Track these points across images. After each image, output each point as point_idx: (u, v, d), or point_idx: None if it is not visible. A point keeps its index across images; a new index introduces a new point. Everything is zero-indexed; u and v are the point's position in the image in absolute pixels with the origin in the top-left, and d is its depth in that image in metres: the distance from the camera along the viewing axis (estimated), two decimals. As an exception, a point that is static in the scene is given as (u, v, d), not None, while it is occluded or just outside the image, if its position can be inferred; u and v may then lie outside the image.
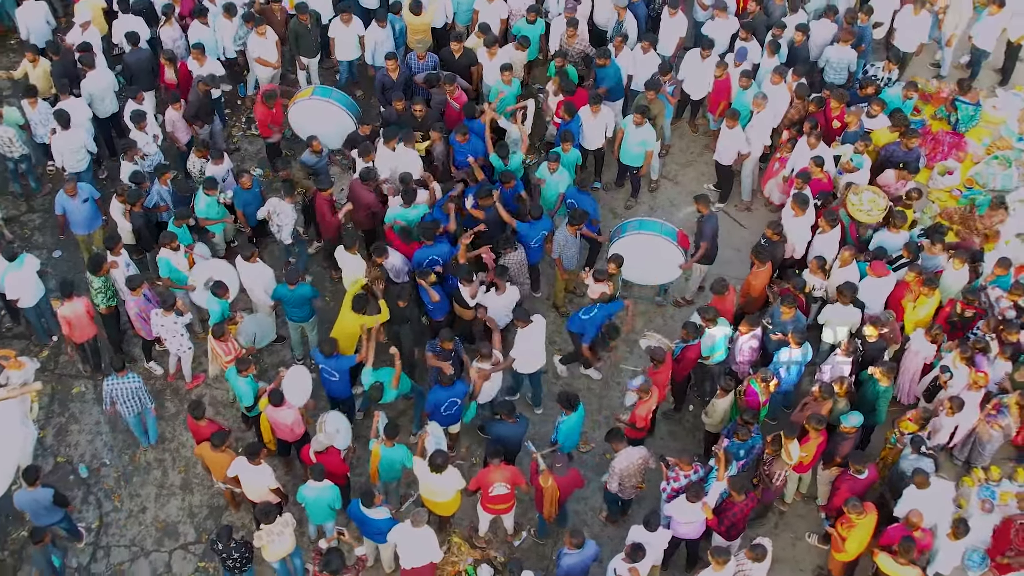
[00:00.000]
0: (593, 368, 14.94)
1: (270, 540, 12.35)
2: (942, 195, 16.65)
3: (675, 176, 17.16)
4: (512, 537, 13.67)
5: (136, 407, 13.78)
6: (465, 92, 16.15)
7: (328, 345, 13.45)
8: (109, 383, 13.62)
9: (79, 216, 14.91)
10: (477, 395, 13.63)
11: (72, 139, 15.63)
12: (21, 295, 14.48)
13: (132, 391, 13.62)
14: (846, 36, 16.24)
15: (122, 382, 13.58)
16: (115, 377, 13.59)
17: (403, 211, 14.70)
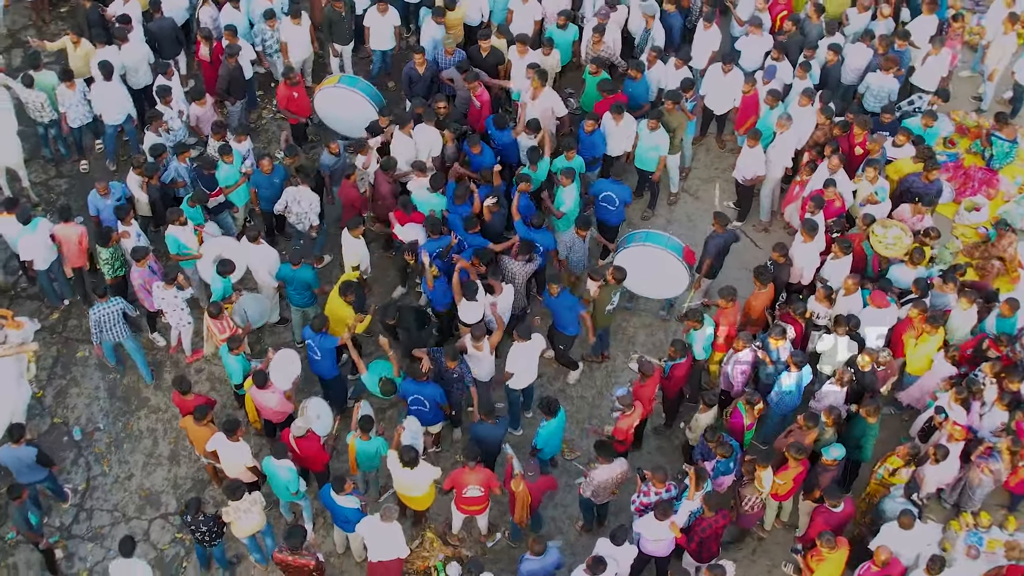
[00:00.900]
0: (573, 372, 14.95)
1: (238, 516, 12.50)
2: (967, 231, 16.28)
3: (696, 191, 17.00)
4: (485, 538, 13.68)
5: (121, 334, 14.18)
6: (488, 89, 16.16)
7: (319, 320, 13.58)
8: (95, 311, 14.01)
9: (111, 216, 14.91)
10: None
11: (114, 90, 16.03)
12: (35, 257, 14.81)
13: (116, 316, 13.99)
14: (888, 64, 15.92)
15: (106, 307, 13.96)
16: (99, 304, 13.98)
17: (427, 196, 14.80)
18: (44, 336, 15.29)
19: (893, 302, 13.94)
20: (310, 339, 13.62)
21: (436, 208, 14.82)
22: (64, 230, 14.78)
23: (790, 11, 17.14)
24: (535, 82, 15.70)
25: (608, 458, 12.65)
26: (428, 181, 14.81)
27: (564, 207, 14.94)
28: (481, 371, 13.77)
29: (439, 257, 14.29)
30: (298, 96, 16.31)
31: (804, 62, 16.06)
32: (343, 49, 17.52)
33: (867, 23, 16.89)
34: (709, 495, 12.30)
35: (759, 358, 13.49)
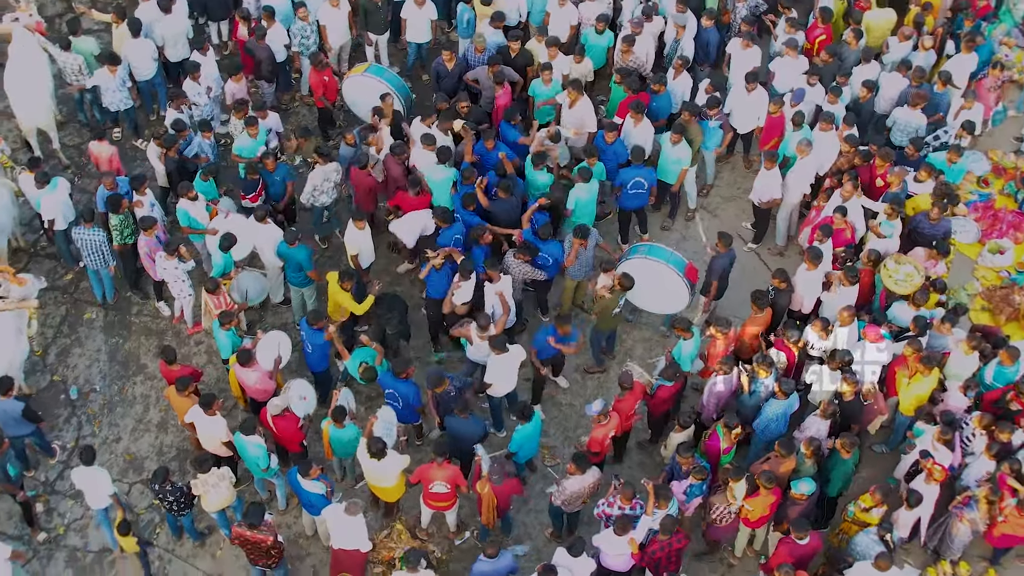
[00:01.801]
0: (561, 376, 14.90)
1: (206, 490, 12.69)
2: (988, 274, 15.86)
3: (715, 209, 16.81)
4: (454, 535, 13.70)
5: (99, 263, 14.69)
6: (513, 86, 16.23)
7: (314, 316, 13.71)
8: (77, 232, 14.53)
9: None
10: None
11: (175, 24, 16.56)
12: (55, 216, 15.17)
13: (96, 244, 14.50)
14: (917, 99, 15.59)
15: (88, 233, 14.48)
16: (82, 228, 14.49)
17: (435, 170, 14.94)
18: (55, 295, 15.69)
19: (888, 338, 13.64)
20: (303, 330, 13.79)
21: (445, 183, 14.91)
22: (97, 147, 15.55)
23: (828, 35, 16.84)
24: (572, 93, 15.67)
25: (581, 468, 12.58)
26: (436, 154, 14.89)
27: (570, 207, 15.00)
28: (481, 355, 13.81)
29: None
30: (327, 80, 16.46)
31: (835, 87, 15.78)
32: (378, 39, 17.65)
33: (906, 53, 16.53)
34: (666, 518, 12.17)
35: (740, 384, 13.31)
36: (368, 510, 13.69)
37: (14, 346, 14.06)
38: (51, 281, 15.77)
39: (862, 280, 14.24)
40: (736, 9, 17.13)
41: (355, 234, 14.53)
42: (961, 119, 15.76)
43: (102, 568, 13.50)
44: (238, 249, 14.73)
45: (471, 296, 14.20)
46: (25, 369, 14.77)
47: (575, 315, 15.47)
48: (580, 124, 15.86)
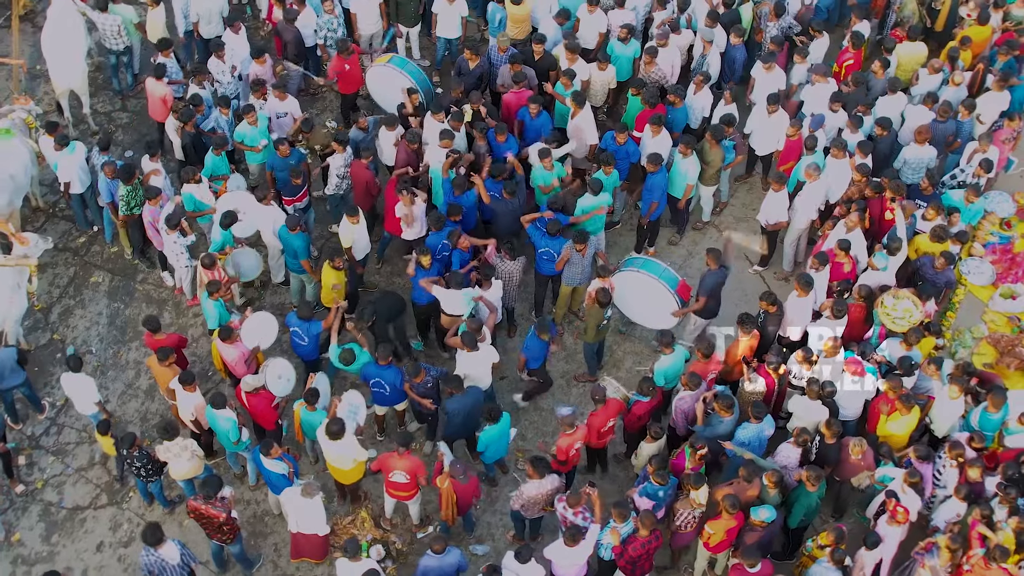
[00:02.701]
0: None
1: (168, 458, 12.91)
2: (998, 318, 15.42)
3: (725, 228, 16.64)
4: (417, 528, 13.76)
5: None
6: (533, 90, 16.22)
7: (305, 309, 13.88)
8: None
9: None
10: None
11: (210, 1, 16.79)
12: (71, 179, 15.54)
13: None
14: (920, 136, 15.30)
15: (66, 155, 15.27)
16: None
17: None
18: (67, 257, 16.10)
19: (872, 372, 13.39)
20: (295, 326, 13.93)
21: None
22: (153, 84, 16.05)
23: (858, 61, 16.57)
24: (573, 105, 15.65)
25: (539, 472, 12.56)
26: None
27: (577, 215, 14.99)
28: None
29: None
30: (350, 68, 16.62)
31: (855, 116, 15.51)
32: (409, 31, 17.79)
33: (935, 86, 16.18)
34: (645, 514, 12.12)
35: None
36: (336, 498, 13.88)
37: (10, 300, 14.41)
38: (64, 243, 16.23)
39: (854, 315, 13.99)
40: (767, 28, 16.90)
41: (348, 228, 14.66)
42: (977, 160, 15.36)
43: (73, 524, 13.80)
44: (242, 227, 14.97)
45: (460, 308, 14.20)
46: (27, 325, 15.23)
47: (570, 321, 15.46)
48: (577, 134, 15.84)
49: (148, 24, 17.08)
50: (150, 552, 11.98)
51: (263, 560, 13.57)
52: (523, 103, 15.81)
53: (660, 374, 13.56)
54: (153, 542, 11.91)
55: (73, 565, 13.47)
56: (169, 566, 12.11)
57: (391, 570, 13.40)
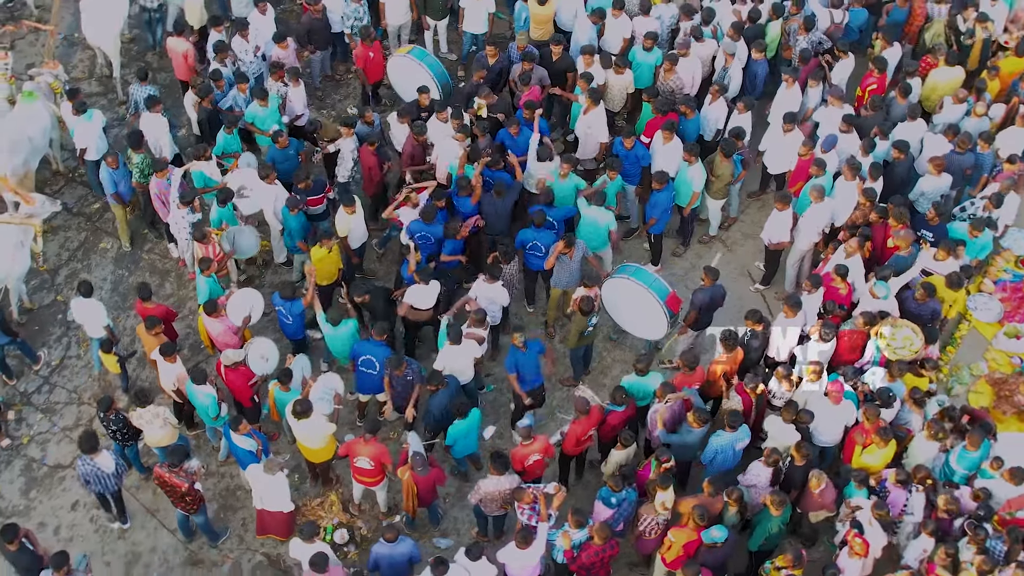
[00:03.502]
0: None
1: (141, 425, 13.13)
2: (1000, 357, 15.06)
3: (733, 244, 16.48)
4: (384, 517, 13.83)
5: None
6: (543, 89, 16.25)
7: (288, 289, 14.06)
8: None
9: (124, 185, 15.47)
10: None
11: None
12: (88, 145, 15.88)
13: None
14: (934, 167, 14.99)
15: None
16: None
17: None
18: (79, 222, 16.47)
19: (852, 398, 13.17)
20: (279, 305, 14.14)
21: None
22: (174, 42, 16.54)
23: (881, 86, 16.29)
24: (588, 101, 15.61)
25: (498, 470, 12.56)
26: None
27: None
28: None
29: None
30: (373, 56, 16.76)
31: (869, 140, 15.26)
32: (437, 24, 17.87)
33: (958, 116, 15.85)
34: (602, 525, 12.08)
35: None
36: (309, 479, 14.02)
37: (13, 258, 14.74)
38: (78, 208, 16.61)
39: (851, 341, 13.76)
40: (796, 43, 16.68)
41: (345, 218, 14.78)
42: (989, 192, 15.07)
43: (52, 482, 14.10)
44: (248, 204, 15.17)
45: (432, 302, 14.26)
46: (32, 285, 15.61)
47: (562, 324, 15.41)
48: (587, 132, 15.87)
49: (187, 8, 17.39)
50: (86, 461, 12.62)
51: (229, 534, 13.76)
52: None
53: (628, 386, 13.47)
54: (88, 450, 12.55)
55: (47, 521, 13.78)
56: (104, 474, 12.76)
57: (353, 555, 13.54)
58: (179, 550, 13.63)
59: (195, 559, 13.57)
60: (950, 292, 14.04)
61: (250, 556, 13.62)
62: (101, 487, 12.96)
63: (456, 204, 14.89)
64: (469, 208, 14.90)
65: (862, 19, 17.27)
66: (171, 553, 13.61)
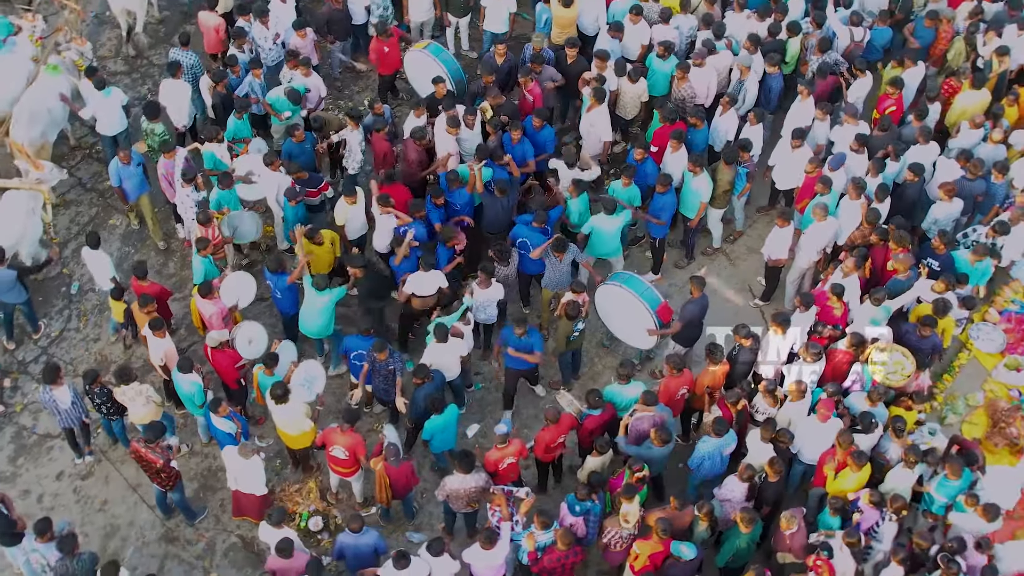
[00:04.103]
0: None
1: (124, 402, 13.30)
2: (998, 388, 14.80)
3: (736, 258, 16.35)
4: (359, 507, 13.90)
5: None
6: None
7: (273, 263, 14.21)
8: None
9: (135, 184, 15.53)
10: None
11: None
12: (101, 120, 16.13)
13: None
14: (945, 192, 14.78)
15: None
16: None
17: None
18: (91, 197, 16.75)
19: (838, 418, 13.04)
20: (268, 279, 14.33)
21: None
22: (205, 16, 16.96)
23: (899, 106, 16.07)
24: (592, 99, 15.57)
25: (464, 468, 12.58)
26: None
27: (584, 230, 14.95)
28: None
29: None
30: (388, 51, 16.85)
31: (878, 160, 15.06)
32: (459, 21, 17.93)
33: (974, 142, 15.60)
34: (564, 531, 12.08)
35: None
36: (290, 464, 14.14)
37: (26, 223, 15.07)
38: (92, 183, 16.91)
39: (838, 361, 13.60)
40: (811, 61, 16.50)
41: (343, 208, 14.90)
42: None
43: (40, 451, 14.35)
44: (253, 190, 15.33)
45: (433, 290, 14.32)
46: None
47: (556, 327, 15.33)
48: (589, 131, 15.90)
49: None
50: (46, 389, 13.23)
51: (207, 513, 13.90)
52: (535, 99, 16.00)
53: (609, 394, 13.41)
54: (48, 380, 13.19)
55: (31, 489, 14.03)
56: (61, 409, 13.35)
57: (327, 542, 13.63)
58: (156, 526, 13.80)
59: (171, 536, 13.73)
60: (937, 319, 13.79)
61: (225, 537, 13.76)
62: (64, 420, 13.52)
63: (450, 200, 14.90)
64: (465, 200, 14.96)
65: (886, 38, 17.03)
66: (148, 528, 13.78)
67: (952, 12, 17.15)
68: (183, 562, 13.57)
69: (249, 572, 13.46)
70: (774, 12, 16.66)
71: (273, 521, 12.27)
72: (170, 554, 13.60)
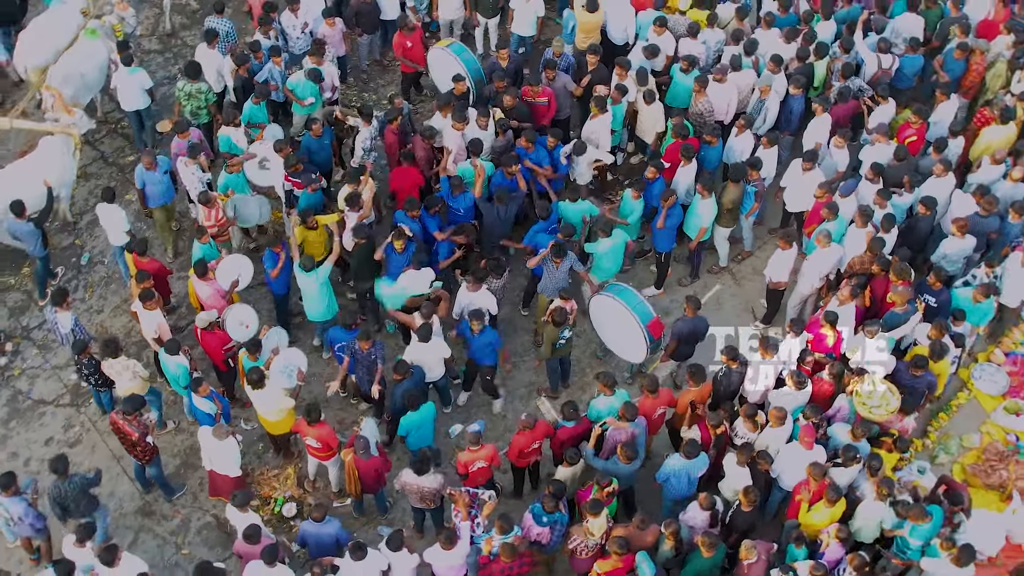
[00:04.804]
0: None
1: (112, 375, 13.51)
2: (995, 431, 14.45)
3: (742, 279, 16.17)
4: (334, 497, 13.98)
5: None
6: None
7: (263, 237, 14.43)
8: None
9: (159, 191, 15.48)
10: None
11: None
12: (122, 94, 16.45)
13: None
14: (958, 228, 14.49)
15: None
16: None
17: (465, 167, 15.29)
18: (112, 172, 17.08)
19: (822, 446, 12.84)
20: (265, 261, 14.56)
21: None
22: None
23: (921, 136, 15.77)
24: (595, 107, 15.52)
25: (416, 470, 12.60)
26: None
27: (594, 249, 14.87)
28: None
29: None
30: (411, 46, 16.93)
31: (885, 191, 14.78)
32: (488, 21, 17.96)
33: (992, 179, 15.25)
34: (503, 545, 12.04)
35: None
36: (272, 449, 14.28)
37: (62, 164, 15.62)
38: (114, 158, 17.25)
39: (817, 390, 13.41)
40: (835, 86, 16.25)
41: (346, 192, 14.99)
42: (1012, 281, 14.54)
43: (32, 416, 14.64)
44: (265, 175, 15.49)
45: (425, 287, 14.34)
46: (56, 228, 16.24)
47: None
48: (592, 138, 15.85)
49: None
50: (52, 310, 13.88)
51: (185, 491, 14.07)
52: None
53: (594, 412, 13.31)
54: (55, 303, 13.82)
55: (19, 452, 14.31)
56: (61, 332, 13.92)
57: (298, 528, 13.67)
58: (135, 498, 14.00)
59: (148, 510, 13.92)
60: (932, 364, 13.48)
61: (200, 515, 13.91)
62: (63, 342, 14.13)
63: (453, 205, 14.95)
64: (467, 205, 14.96)
65: (917, 65, 16.72)
66: (127, 500, 13.99)
67: (986, 44, 16.74)
68: (157, 536, 13.75)
69: (220, 552, 13.57)
70: (802, 35, 16.43)
71: (238, 503, 12.38)
72: (145, 527, 13.79)
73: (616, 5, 17.00)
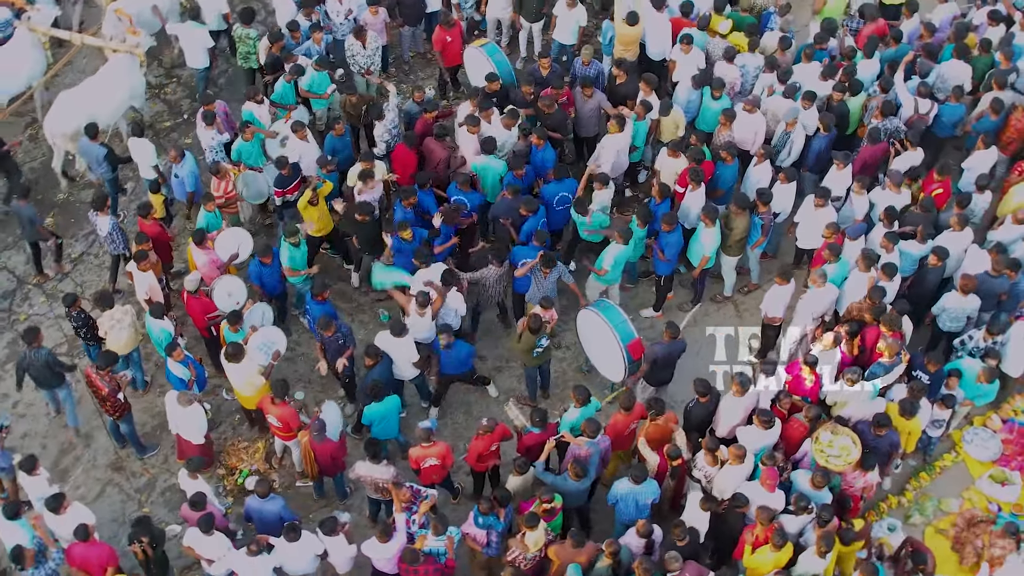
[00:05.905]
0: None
1: (109, 326, 13.85)
2: (978, 498, 13.97)
3: (744, 310, 15.89)
4: (298, 477, 14.17)
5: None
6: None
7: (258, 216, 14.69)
8: None
9: (187, 185, 15.54)
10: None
11: None
12: (187, 51, 17.14)
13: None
14: (964, 285, 14.05)
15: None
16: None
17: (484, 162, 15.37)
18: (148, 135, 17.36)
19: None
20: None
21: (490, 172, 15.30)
22: None
23: (947, 190, 15.31)
24: (612, 126, 15.40)
25: (370, 456, 12.71)
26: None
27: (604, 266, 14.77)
28: (420, 335, 14.09)
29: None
30: (451, 41, 17.02)
31: (891, 235, 14.38)
32: (532, 26, 17.96)
33: (1012, 238, 14.72)
34: (405, 550, 12.09)
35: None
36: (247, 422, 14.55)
37: (132, 79, 16.60)
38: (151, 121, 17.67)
39: (790, 432, 13.16)
40: (870, 124, 15.86)
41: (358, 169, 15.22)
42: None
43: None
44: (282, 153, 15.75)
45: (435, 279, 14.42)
46: (82, 183, 16.88)
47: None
48: (602, 150, 15.79)
49: None
50: (93, 214, 14.73)
51: (157, 451, 14.39)
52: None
53: (566, 425, 13.23)
54: (96, 207, 14.67)
55: (9, 394, 14.80)
56: (101, 235, 14.99)
57: (258, 502, 13.91)
58: (109, 453, 14.39)
59: (119, 465, 14.30)
60: (903, 421, 13.10)
61: (168, 477, 14.21)
62: (112, 246, 15.00)
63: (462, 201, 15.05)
64: (477, 203, 15.07)
65: (958, 115, 16.18)
66: (101, 453, 14.39)
67: (1024, 100, 16.18)
68: (123, 492, 14.12)
69: (178, 516, 13.85)
70: (840, 74, 16.07)
71: (191, 468, 12.63)
72: (113, 481, 14.18)
73: (656, 21, 16.84)
